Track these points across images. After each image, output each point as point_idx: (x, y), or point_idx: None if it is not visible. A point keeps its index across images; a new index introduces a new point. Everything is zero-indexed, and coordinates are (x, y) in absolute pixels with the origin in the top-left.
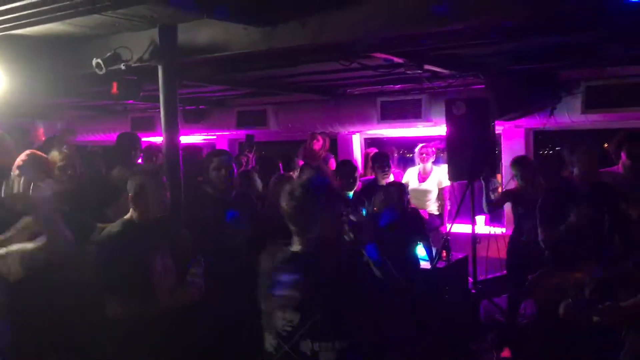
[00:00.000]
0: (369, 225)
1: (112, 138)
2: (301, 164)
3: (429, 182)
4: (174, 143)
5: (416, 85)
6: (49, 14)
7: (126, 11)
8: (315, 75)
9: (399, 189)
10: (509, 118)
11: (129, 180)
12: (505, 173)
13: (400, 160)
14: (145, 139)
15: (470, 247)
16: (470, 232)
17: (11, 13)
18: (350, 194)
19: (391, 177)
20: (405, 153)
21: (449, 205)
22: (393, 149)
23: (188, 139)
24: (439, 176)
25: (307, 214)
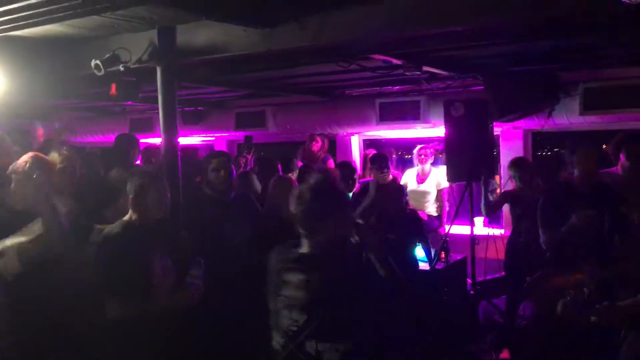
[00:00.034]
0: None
1: (111, 139)
2: (300, 165)
3: (428, 184)
4: (172, 144)
5: (415, 86)
6: (47, 15)
7: (125, 12)
8: (314, 76)
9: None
10: (507, 119)
11: (129, 182)
12: (503, 174)
13: (399, 162)
14: (144, 140)
15: (469, 249)
16: (469, 234)
17: (10, 14)
18: (349, 195)
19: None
20: (403, 154)
21: (447, 207)
22: (392, 150)
23: (187, 140)
24: (438, 177)
25: (316, 217)
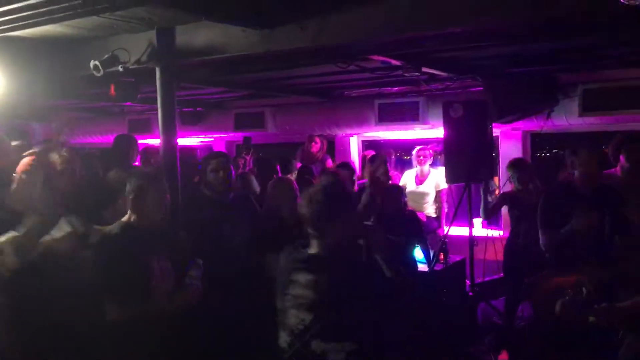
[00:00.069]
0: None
1: (109, 140)
2: (299, 166)
3: (427, 185)
4: (171, 145)
5: (414, 87)
6: (46, 16)
7: (124, 13)
8: (313, 77)
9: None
10: (506, 121)
11: (128, 183)
12: (502, 176)
13: (398, 163)
14: (142, 141)
15: (467, 250)
16: (468, 235)
17: (9, 15)
18: None
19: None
20: (402, 155)
21: (446, 208)
22: (390, 151)
23: (185, 141)
24: (437, 179)
25: (326, 219)
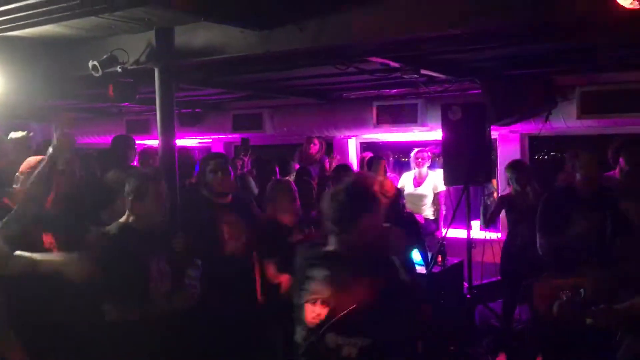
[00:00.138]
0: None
1: (107, 141)
2: (297, 167)
3: (425, 187)
4: (170, 146)
5: (412, 89)
6: (45, 16)
7: (122, 13)
8: (312, 79)
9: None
10: (505, 123)
11: (127, 183)
12: (501, 178)
13: (396, 165)
14: (140, 142)
15: (465, 252)
16: (466, 237)
17: (8, 14)
18: None
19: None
20: (400, 157)
21: (444, 210)
22: (388, 153)
23: (184, 142)
24: (435, 181)
25: (346, 216)
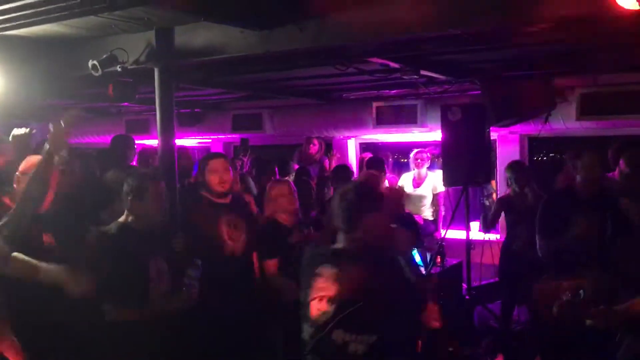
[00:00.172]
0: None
1: (107, 140)
2: (296, 167)
3: (424, 188)
4: (169, 146)
5: (412, 90)
6: (45, 15)
7: (122, 13)
8: (311, 79)
9: None
10: (504, 124)
11: (125, 183)
12: (500, 179)
13: (395, 166)
14: (139, 142)
15: (464, 253)
16: (465, 238)
17: (7, 14)
18: None
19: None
20: (400, 158)
21: (443, 211)
22: (388, 154)
23: (183, 142)
24: (434, 182)
25: (354, 214)
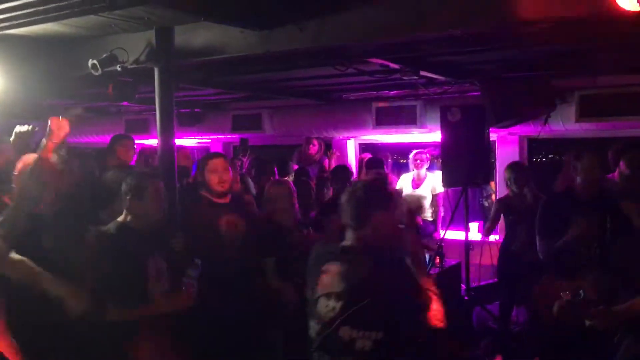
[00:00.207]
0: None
1: (106, 140)
2: (296, 168)
3: (423, 188)
4: (169, 146)
5: (412, 91)
6: (44, 14)
7: (122, 12)
8: (311, 79)
9: None
10: (504, 125)
11: (124, 183)
12: (499, 180)
13: (395, 166)
14: (139, 142)
15: (463, 254)
16: (464, 239)
17: (6, 13)
18: None
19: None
20: (399, 159)
21: (442, 212)
22: (387, 154)
23: (182, 142)
24: (433, 182)
25: (363, 212)
